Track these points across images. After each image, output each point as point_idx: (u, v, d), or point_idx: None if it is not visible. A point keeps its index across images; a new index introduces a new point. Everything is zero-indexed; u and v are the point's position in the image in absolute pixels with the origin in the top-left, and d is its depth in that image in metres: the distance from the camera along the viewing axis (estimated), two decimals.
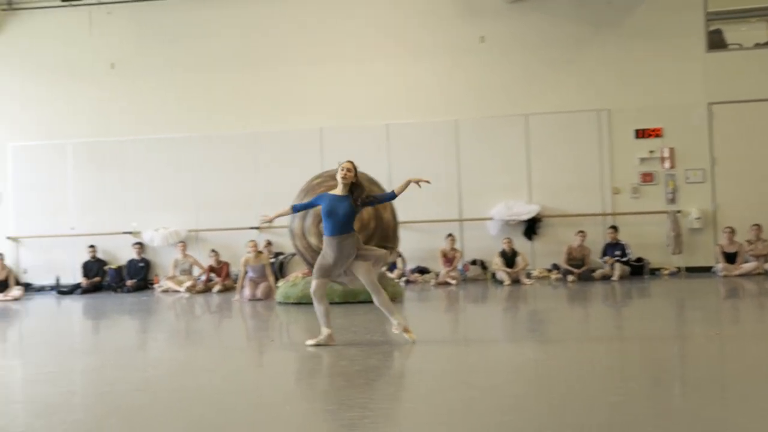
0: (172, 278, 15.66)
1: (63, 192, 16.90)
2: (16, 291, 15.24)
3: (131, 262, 16.43)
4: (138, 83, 16.84)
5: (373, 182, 12.24)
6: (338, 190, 8.20)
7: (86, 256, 16.53)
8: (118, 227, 16.71)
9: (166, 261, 16.34)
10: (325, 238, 8.15)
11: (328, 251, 8.10)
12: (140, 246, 16.44)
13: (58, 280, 16.55)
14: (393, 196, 8.23)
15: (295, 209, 8.63)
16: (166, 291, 15.51)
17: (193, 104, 16.68)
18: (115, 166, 16.81)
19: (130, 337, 10.45)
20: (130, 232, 16.67)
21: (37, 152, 17.03)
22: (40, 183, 17.03)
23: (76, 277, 16.59)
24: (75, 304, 14.23)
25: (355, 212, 8.14)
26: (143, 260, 16.40)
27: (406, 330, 8.17)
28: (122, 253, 16.67)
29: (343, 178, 8.12)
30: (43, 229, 16.94)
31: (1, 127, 17.15)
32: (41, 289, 16.75)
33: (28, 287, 16.52)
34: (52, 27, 17.12)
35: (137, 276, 16.22)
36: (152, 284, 16.28)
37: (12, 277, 15.48)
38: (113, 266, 16.49)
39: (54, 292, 16.30)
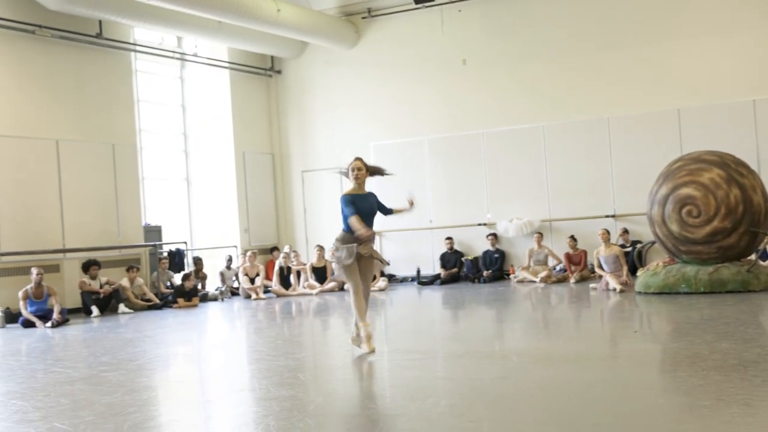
0: (527, 268, 15.72)
1: (421, 186, 17.61)
2: (381, 282, 16.12)
3: (486, 252, 16.73)
4: (488, 76, 17.11)
5: None
6: (355, 190, 8.07)
7: (444, 248, 17.11)
8: (473, 219, 17.12)
9: (520, 251, 16.45)
10: (346, 235, 7.92)
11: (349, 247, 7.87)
12: (494, 237, 16.69)
13: (418, 271, 17.27)
14: (389, 212, 8.40)
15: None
16: (521, 281, 15.60)
17: (542, 93, 16.62)
18: (469, 159, 17.22)
19: (488, 326, 10.60)
20: (484, 224, 17.01)
21: (396, 150, 17.92)
22: (400, 179, 17.85)
23: (435, 268, 17.23)
24: (435, 294, 14.76)
25: (377, 209, 8.14)
26: (498, 251, 16.63)
27: (355, 339, 8.03)
28: (478, 244, 17.04)
29: (356, 178, 8.04)
30: (404, 222, 17.79)
31: (364, 127, 18.29)
32: (403, 280, 17.62)
33: (391, 278, 17.46)
34: (406, 29, 17.94)
35: (493, 266, 16.49)
36: (508, 275, 16.46)
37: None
38: (470, 257, 16.91)
39: (415, 283, 17.05)
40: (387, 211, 8.45)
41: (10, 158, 13.84)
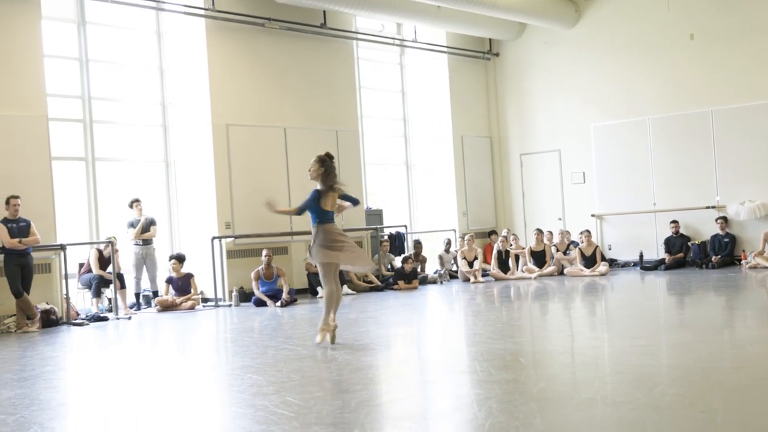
0: (761, 254, 14.80)
1: (644, 168, 17.00)
2: (602, 267, 15.71)
3: (715, 237, 15.92)
4: (718, 51, 16.18)
5: None
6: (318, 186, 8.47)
7: (668, 232, 16.44)
8: (700, 202, 16.32)
9: (753, 236, 15.51)
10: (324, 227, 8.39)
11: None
12: (724, 220, 15.84)
13: (641, 255, 16.69)
14: (357, 202, 8.88)
15: (301, 211, 8.59)
16: (754, 267, 14.72)
17: None
18: (696, 138, 16.41)
19: (717, 313, 10.09)
20: (713, 207, 16.18)
21: (617, 130, 17.39)
22: (621, 160, 17.36)
23: (659, 252, 16.59)
24: (658, 280, 14.22)
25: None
26: (728, 235, 15.78)
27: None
28: (705, 228, 16.24)
29: (310, 175, 8.48)
30: (626, 205, 17.27)
31: (584, 108, 17.86)
32: (625, 265, 17.09)
33: (612, 263, 16.97)
34: (629, 5, 17.30)
35: (722, 252, 15.67)
36: (739, 260, 15.58)
37: (598, 253, 16.01)
38: (697, 242, 16.15)
39: (637, 268, 16.49)
40: (352, 201, 8.91)
41: (244, 146, 14.62)
